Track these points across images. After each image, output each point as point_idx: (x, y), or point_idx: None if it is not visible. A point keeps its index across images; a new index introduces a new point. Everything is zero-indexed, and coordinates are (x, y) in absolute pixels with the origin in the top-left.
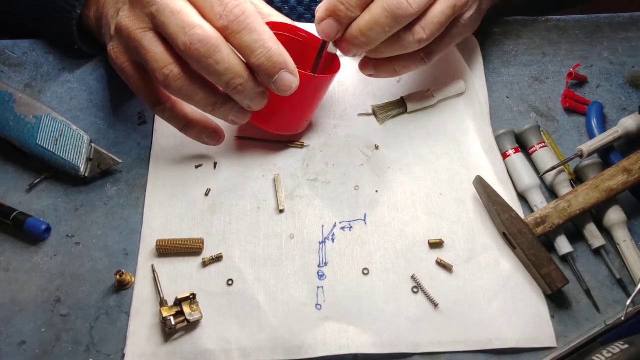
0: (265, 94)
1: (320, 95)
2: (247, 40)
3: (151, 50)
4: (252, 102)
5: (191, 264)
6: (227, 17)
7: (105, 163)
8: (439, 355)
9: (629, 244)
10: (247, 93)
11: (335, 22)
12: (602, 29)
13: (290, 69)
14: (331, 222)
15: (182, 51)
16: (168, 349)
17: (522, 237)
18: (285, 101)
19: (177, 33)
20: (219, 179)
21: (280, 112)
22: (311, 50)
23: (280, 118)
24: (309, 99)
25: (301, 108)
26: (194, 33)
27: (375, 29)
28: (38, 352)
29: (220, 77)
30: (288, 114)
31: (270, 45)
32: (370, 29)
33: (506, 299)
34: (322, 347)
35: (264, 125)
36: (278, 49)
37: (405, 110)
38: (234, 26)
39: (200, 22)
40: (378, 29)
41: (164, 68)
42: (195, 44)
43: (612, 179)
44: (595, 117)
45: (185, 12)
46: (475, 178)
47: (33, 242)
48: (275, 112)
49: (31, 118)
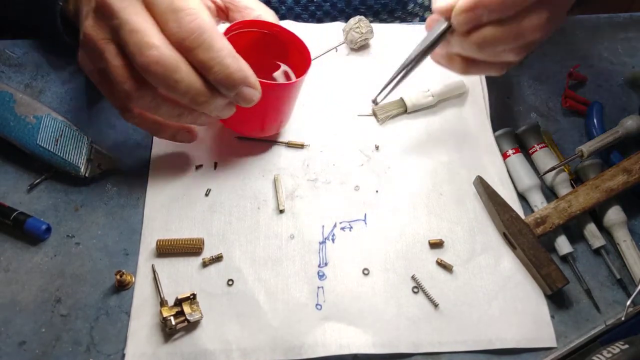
0: (232, 104)
1: (289, 98)
2: (203, 58)
3: (112, 63)
4: (219, 113)
5: (191, 264)
6: (180, 34)
7: (105, 163)
8: (439, 355)
9: (629, 244)
10: (213, 107)
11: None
12: (602, 29)
13: (250, 83)
14: (331, 222)
15: (141, 71)
16: (168, 349)
17: (522, 237)
18: (254, 108)
19: (134, 53)
20: (219, 179)
21: (250, 117)
22: (287, 44)
23: (252, 123)
24: (278, 103)
25: (272, 113)
26: (149, 54)
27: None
28: (38, 352)
29: (182, 96)
30: (259, 119)
31: (227, 62)
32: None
33: (506, 299)
34: (322, 347)
35: (236, 129)
36: (236, 64)
37: (405, 110)
38: (188, 43)
39: (157, 41)
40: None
41: (124, 83)
42: (152, 65)
43: (612, 179)
44: (595, 117)
45: (144, 30)
46: (475, 178)
47: (33, 242)
48: (245, 118)
49: (31, 118)
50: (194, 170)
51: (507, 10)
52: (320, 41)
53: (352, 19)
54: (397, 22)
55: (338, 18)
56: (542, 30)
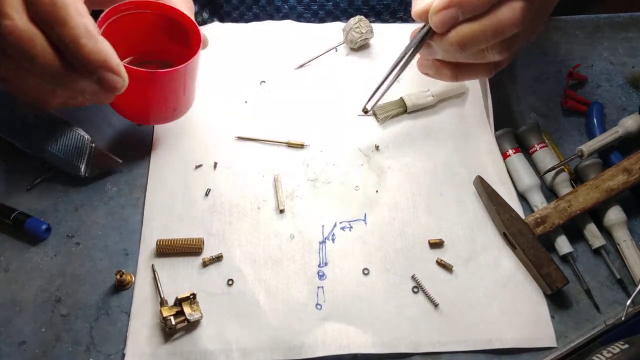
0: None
1: (175, 86)
2: (57, 35)
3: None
4: (93, 97)
5: (191, 264)
6: (34, 8)
7: (105, 163)
8: (439, 355)
9: (629, 244)
10: (78, 89)
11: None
12: (602, 29)
13: (111, 68)
14: (331, 222)
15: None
16: (168, 349)
17: (522, 237)
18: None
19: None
20: (219, 179)
21: (135, 105)
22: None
23: (140, 110)
24: (163, 92)
25: (157, 101)
26: (3, 24)
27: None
28: (38, 352)
29: (41, 74)
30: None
31: (82, 42)
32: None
33: (506, 299)
34: (322, 347)
35: (128, 117)
36: (93, 45)
37: (405, 110)
38: (41, 18)
39: (12, 12)
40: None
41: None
42: (7, 36)
43: (612, 179)
44: (595, 117)
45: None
46: (475, 178)
47: (33, 242)
48: (131, 105)
49: (31, 118)
50: (194, 170)
51: (480, 5)
52: (320, 41)
53: (352, 19)
54: (399, 22)
55: (340, 18)
56: (518, 23)
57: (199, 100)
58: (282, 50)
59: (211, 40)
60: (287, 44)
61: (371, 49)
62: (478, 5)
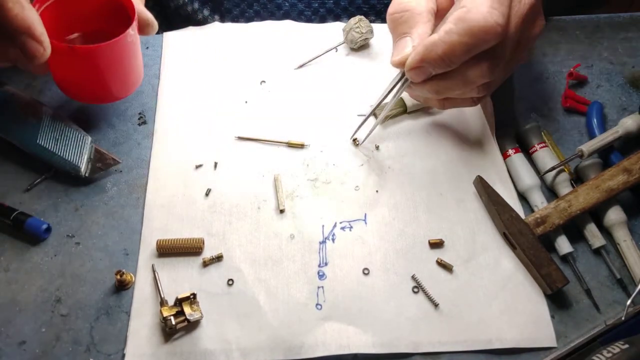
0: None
1: (107, 64)
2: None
3: None
4: (23, 66)
5: (191, 264)
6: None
7: (106, 163)
8: (439, 355)
9: (629, 244)
10: (7, 56)
11: (429, 69)
12: (602, 29)
13: (34, 35)
14: (331, 222)
15: None
16: (168, 349)
17: (522, 237)
18: (70, 72)
19: None
20: (219, 179)
21: (74, 82)
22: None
23: (79, 88)
24: (93, 68)
25: (90, 78)
26: None
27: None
28: (38, 352)
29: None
30: (79, 84)
31: (9, 6)
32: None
33: (506, 299)
34: (322, 347)
35: (69, 95)
36: (19, 11)
37: (405, 110)
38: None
39: None
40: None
41: None
42: None
43: (612, 179)
44: (596, 117)
45: None
46: (475, 178)
47: (33, 242)
48: (69, 83)
49: (31, 118)
50: (194, 170)
51: (450, 65)
52: (320, 41)
53: (352, 19)
54: None
55: (341, 16)
56: (487, 76)
57: (199, 100)
58: (282, 50)
59: (211, 40)
60: (287, 44)
61: (371, 49)
62: (447, 65)
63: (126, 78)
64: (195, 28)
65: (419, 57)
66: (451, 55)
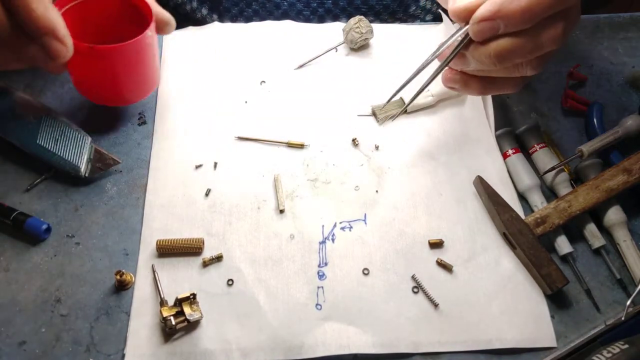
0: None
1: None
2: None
3: None
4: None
5: (191, 264)
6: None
7: (105, 163)
8: (439, 355)
9: (629, 244)
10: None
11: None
12: (602, 29)
13: (57, 36)
14: (331, 222)
15: None
16: (168, 349)
17: (522, 237)
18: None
19: None
20: (219, 179)
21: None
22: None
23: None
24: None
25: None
26: None
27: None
28: (38, 352)
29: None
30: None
31: (33, 6)
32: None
33: (506, 299)
34: (322, 347)
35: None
36: (43, 10)
37: (405, 110)
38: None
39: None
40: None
41: None
42: None
43: (612, 179)
44: (596, 117)
45: None
46: (475, 178)
47: (33, 242)
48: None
49: (31, 118)
50: (194, 170)
51: (527, 22)
52: (320, 41)
53: (352, 19)
54: (398, 23)
55: (340, 16)
56: (558, 42)
57: (199, 100)
58: (282, 51)
59: (211, 40)
60: (287, 44)
61: (371, 49)
62: (524, 22)
63: (144, 79)
64: (195, 28)
65: (495, 7)
66: (536, 8)
